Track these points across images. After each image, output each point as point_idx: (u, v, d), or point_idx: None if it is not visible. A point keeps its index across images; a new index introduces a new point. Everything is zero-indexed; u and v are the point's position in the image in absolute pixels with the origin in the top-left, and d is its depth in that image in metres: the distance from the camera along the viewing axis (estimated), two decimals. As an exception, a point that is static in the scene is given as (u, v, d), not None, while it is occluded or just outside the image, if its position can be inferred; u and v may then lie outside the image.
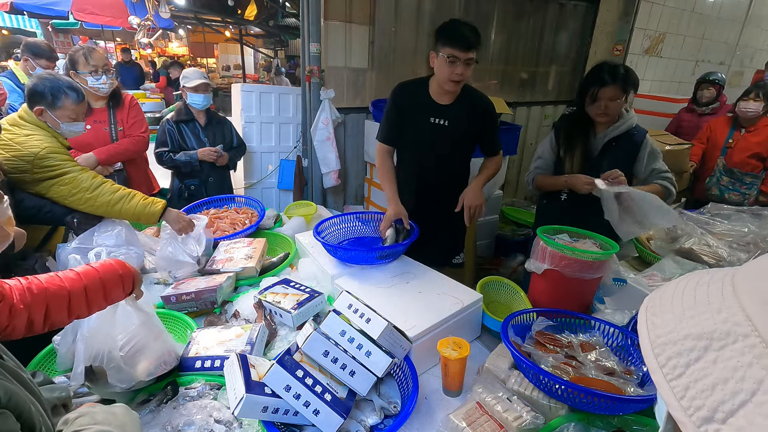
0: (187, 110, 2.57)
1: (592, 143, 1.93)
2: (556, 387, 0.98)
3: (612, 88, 1.75)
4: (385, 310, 1.14)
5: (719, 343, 0.27)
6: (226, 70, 13.88)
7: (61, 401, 0.87)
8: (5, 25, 8.02)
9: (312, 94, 3.22)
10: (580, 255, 1.33)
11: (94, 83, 2.16)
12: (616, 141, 1.88)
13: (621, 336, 1.19)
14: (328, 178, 3.43)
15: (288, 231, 2.00)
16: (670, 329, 0.30)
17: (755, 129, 3.00)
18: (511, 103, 3.95)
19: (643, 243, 1.97)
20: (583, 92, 1.86)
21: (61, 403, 0.88)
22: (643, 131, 1.89)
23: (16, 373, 0.67)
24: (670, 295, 0.33)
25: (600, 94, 1.78)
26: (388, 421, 1.03)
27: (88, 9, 6.50)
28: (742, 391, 0.25)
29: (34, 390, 0.70)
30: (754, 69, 6.30)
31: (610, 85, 1.75)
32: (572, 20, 4.36)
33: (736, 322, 0.27)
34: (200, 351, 1.17)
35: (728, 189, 3.08)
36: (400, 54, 3.53)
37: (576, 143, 1.93)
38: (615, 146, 1.89)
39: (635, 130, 1.88)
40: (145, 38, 8.36)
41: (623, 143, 1.88)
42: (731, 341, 0.27)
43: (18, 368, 0.69)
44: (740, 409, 0.25)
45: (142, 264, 1.62)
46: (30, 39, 3.22)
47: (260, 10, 7.28)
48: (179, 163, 2.51)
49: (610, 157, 1.88)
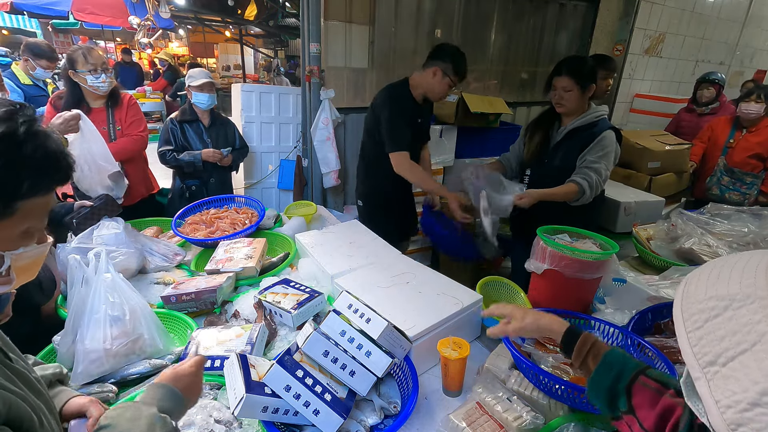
0: (191, 110, 2.57)
1: (553, 134, 2.00)
2: (556, 387, 0.98)
3: (564, 78, 1.85)
4: (385, 310, 1.14)
5: (738, 304, 0.31)
6: (226, 70, 13.87)
7: (56, 377, 0.87)
8: (5, 25, 8.03)
9: (312, 94, 3.22)
10: (580, 255, 1.33)
11: (93, 82, 2.15)
12: (575, 132, 1.91)
13: (621, 336, 1.19)
14: (328, 178, 3.43)
15: (288, 231, 2.00)
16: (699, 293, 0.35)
17: (756, 129, 3.01)
18: (511, 103, 3.95)
19: (643, 243, 1.97)
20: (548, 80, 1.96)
21: (56, 378, 0.87)
22: (606, 126, 1.89)
23: (24, 376, 0.66)
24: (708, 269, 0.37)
25: (554, 83, 1.89)
26: (388, 421, 1.03)
27: (88, 9, 6.50)
28: (745, 342, 0.29)
29: (42, 391, 0.69)
30: (754, 69, 6.31)
31: (562, 75, 1.85)
32: (572, 20, 4.36)
33: (758, 287, 0.31)
34: (200, 351, 1.17)
35: (729, 189, 3.09)
36: (400, 54, 3.53)
37: (537, 131, 2.05)
38: (573, 138, 1.92)
39: (599, 124, 1.89)
40: (145, 38, 8.36)
41: (581, 135, 1.90)
42: (749, 302, 0.31)
43: (26, 369, 0.68)
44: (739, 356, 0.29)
45: (142, 264, 1.62)
46: (30, 39, 3.22)
47: (260, 10, 7.28)
48: (183, 163, 2.52)
49: (564, 147, 1.94)
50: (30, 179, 0.61)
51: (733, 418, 0.28)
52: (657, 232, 2.03)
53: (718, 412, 0.29)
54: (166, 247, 1.73)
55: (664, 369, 1.03)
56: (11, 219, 0.61)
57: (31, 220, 0.65)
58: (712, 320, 0.33)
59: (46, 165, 0.63)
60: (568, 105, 1.89)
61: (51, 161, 0.64)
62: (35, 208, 0.64)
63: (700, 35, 5.41)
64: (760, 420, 0.27)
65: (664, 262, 1.82)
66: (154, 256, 1.67)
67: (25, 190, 0.61)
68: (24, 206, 0.62)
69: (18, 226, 0.63)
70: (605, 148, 1.85)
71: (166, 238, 1.92)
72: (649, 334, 1.29)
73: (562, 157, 1.93)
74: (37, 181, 0.62)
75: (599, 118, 1.90)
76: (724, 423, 0.29)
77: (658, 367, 1.05)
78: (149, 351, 1.19)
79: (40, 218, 0.67)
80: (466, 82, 4.02)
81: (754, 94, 2.93)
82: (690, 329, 0.34)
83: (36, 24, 8.39)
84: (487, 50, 4.01)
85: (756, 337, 0.29)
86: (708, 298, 0.34)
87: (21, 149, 0.60)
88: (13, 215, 0.61)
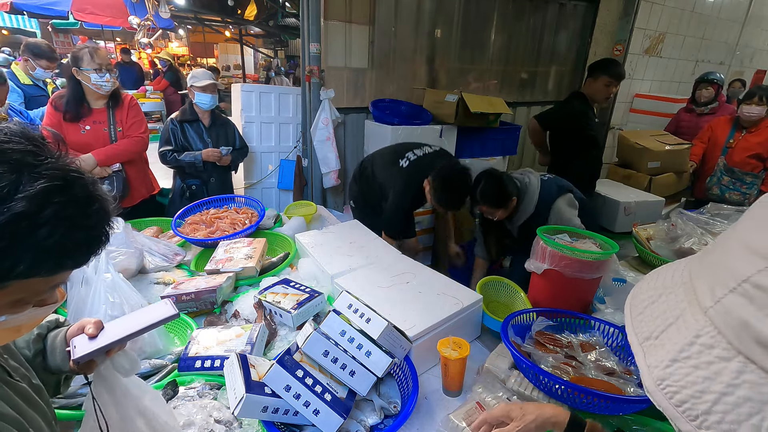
0: (192, 110, 2.58)
1: (507, 228, 2.08)
2: (556, 387, 0.98)
3: (482, 207, 1.91)
4: (385, 310, 1.14)
5: (669, 291, 0.39)
6: (226, 70, 13.88)
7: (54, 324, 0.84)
8: (5, 25, 8.02)
9: (312, 94, 3.22)
10: (580, 255, 1.33)
11: (97, 80, 2.15)
12: (528, 222, 1.93)
13: (621, 336, 1.19)
14: (328, 178, 3.43)
15: (288, 231, 2.00)
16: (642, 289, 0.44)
17: (756, 129, 3.02)
18: (511, 103, 3.95)
19: (642, 243, 1.97)
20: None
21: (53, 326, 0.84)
22: (547, 203, 1.90)
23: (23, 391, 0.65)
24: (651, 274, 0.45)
25: (479, 208, 1.96)
26: (388, 421, 1.03)
27: (88, 9, 6.50)
28: (671, 317, 0.37)
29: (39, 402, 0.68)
30: (754, 69, 6.31)
31: (480, 204, 1.92)
32: (572, 20, 4.36)
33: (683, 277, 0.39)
34: (200, 351, 1.17)
35: (729, 188, 3.10)
36: (400, 54, 3.53)
37: (489, 235, 2.17)
38: (530, 227, 1.87)
39: (542, 204, 1.91)
40: (145, 38, 8.36)
41: (535, 220, 1.90)
42: (676, 289, 0.39)
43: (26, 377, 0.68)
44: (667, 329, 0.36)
45: (142, 264, 1.62)
46: (31, 39, 3.22)
47: (260, 10, 7.28)
48: (183, 164, 2.52)
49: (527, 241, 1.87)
50: (27, 264, 0.52)
51: (658, 374, 0.35)
52: (657, 232, 2.03)
53: (648, 372, 0.36)
54: (166, 247, 1.73)
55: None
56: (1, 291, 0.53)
57: (27, 294, 0.57)
58: (649, 306, 0.40)
59: (57, 252, 0.54)
60: (502, 217, 1.95)
61: (65, 250, 0.55)
62: (33, 285, 0.56)
63: (700, 35, 5.41)
64: (678, 373, 0.33)
65: (664, 262, 1.81)
66: (154, 256, 1.67)
67: (20, 271, 0.52)
68: (19, 283, 0.53)
69: (6, 298, 0.55)
70: (562, 221, 1.85)
71: (166, 238, 1.92)
72: (649, 334, 1.29)
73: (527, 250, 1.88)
74: (38, 264, 0.53)
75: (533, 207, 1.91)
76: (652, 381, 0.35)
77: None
78: (149, 351, 1.19)
79: (39, 293, 0.59)
80: (466, 82, 4.03)
81: (756, 96, 2.94)
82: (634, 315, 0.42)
83: (36, 24, 8.38)
84: (487, 50, 4.01)
85: (679, 312, 0.36)
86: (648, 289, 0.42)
87: (34, 233, 0.51)
88: (4, 289, 0.53)
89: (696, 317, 0.34)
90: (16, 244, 0.50)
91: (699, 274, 0.37)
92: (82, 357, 0.73)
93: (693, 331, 0.34)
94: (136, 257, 1.57)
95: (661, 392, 0.34)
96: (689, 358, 0.33)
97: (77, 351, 0.74)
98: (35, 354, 0.78)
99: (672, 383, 0.34)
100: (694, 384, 0.32)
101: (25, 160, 0.52)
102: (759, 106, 2.92)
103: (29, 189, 0.50)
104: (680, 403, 0.33)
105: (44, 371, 0.79)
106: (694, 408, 0.32)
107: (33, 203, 0.50)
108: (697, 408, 0.32)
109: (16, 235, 0.50)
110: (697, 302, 0.35)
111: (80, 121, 2.21)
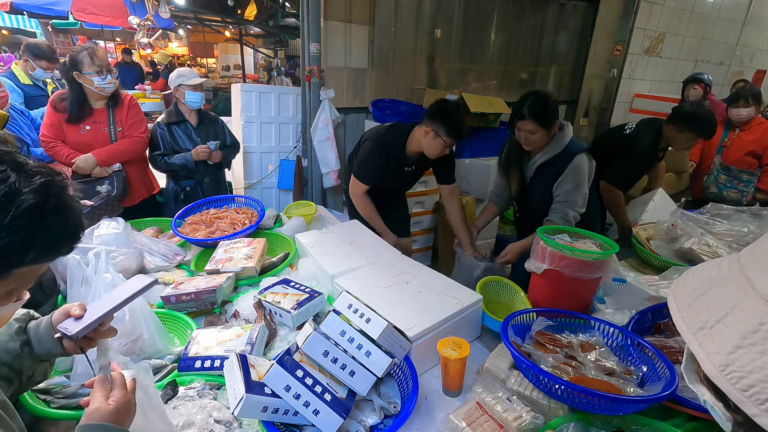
0: (178, 111, 2.53)
1: (526, 169, 2.00)
2: (555, 387, 0.98)
3: (528, 122, 1.82)
4: (385, 310, 1.14)
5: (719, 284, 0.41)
6: (226, 70, 13.87)
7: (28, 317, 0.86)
8: (5, 25, 8.02)
9: (312, 94, 3.22)
10: (580, 255, 1.32)
11: (100, 83, 2.15)
12: (546, 165, 1.90)
13: (621, 336, 1.19)
14: (327, 178, 3.43)
15: (288, 231, 2.00)
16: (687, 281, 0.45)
17: (749, 128, 3.07)
18: (511, 103, 3.94)
19: (642, 243, 1.97)
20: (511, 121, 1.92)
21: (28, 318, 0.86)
22: (571, 153, 1.87)
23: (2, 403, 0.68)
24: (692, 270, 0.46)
25: (518, 126, 1.86)
26: (388, 421, 1.03)
27: (88, 9, 6.50)
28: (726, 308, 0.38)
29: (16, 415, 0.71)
30: (753, 69, 6.31)
31: (526, 119, 1.82)
32: (572, 20, 4.36)
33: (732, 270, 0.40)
34: (200, 351, 1.17)
35: (726, 187, 3.12)
36: (400, 54, 3.53)
37: (512, 170, 2.03)
38: (545, 170, 1.90)
39: (566, 152, 1.87)
40: (145, 38, 8.35)
41: (552, 167, 1.89)
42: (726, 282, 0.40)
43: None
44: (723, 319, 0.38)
45: (142, 264, 1.62)
46: (31, 39, 3.22)
47: (260, 10, 7.27)
48: (175, 167, 2.48)
49: (538, 183, 1.93)
50: (38, 250, 0.59)
51: (721, 360, 0.36)
52: (657, 232, 2.03)
53: (708, 360, 0.37)
54: (166, 247, 1.73)
55: (664, 369, 1.03)
56: (1, 282, 0.59)
57: (19, 284, 0.62)
58: (698, 299, 0.42)
59: (59, 240, 0.61)
60: (534, 145, 1.89)
61: (66, 237, 0.62)
62: (29, 274, 0.62)
63: (699, 35, 5.42)
64: (742, 359, 0.35)
65: (664, 262, 1.82)
66: (154, 256, 1.67)
67: (29, 259, 0.59)
68: (20, 272, 0.60)
69: (4, 288, 0.61)
70: (577, 177, 1.85)
71: (166, 238, 1.92)
72: (648, 334, 1.29)
73: (538, 193, 1.95)
74: (44, 252, 0.60)
75: (561, 148, 1.88)
76: (714, 367, 0.37)
77: (657, 367, 1.05)
78: (149, 351, 1.19)
79: (30, 282, 0.64)
80: (466, 82, 4.03)
81: (742, 99, 3.01)
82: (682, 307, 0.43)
83: (36, 24, 8.38)
84: (486, 50, 4.01)
85: (734, 303, 0.38)
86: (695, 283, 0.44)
87: (45, 222, 0.58)
88: (5, 279, 0.59)
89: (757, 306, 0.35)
90: (32, 233, 0.57)
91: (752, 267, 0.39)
92: (81, 331, 0.78)
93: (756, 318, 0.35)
94: (136, 257, 1.57)
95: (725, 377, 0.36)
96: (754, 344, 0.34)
97: (71, 329, 0.79)
98: (22, 344, 0.81)
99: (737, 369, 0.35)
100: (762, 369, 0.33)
101: (16, 160, 0.58)
102: (746, 108, 2.99)
103: (31, 184, 0.57)
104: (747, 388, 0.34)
105: (32, 360, 0.83)
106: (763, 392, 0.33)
107: (39, 196, 0.57)
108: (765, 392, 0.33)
109: (31, 225, 0.57)
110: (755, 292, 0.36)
111: (81, 121, 2.21)
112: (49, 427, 0.96)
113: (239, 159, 3.38)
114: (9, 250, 0.56)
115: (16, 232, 0.55)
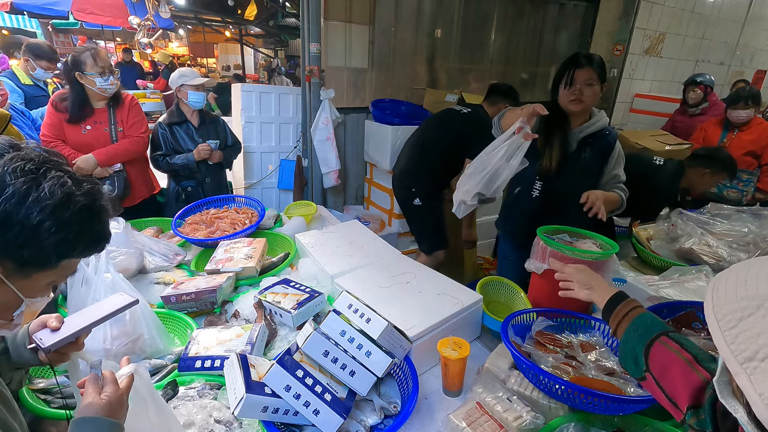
0: (179, 111, 2.53)
1: (568, 136, 1.83)
2: (556, 387, 0.98)
3: (587, 70, 1.69)
4: (385, 310, 1.14)
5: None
6: (226, 70, 13.87)
7: None
8: (5, 25, 8.01)
9: (312, 94, 3.22)
10: (580, 255, 1.32)
11: (102, 84, 2.14)
12: (591, 138, 1.81)
13: (621, 336, 1.19)
14: (328, 178, 3.43)
15: (288, 231, 2.00)
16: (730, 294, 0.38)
17: (748, 128, 3.11)
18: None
19: (642, 243, 1.97)
20: (557, 80, 1.77)
21: None
22: (614, 133, 1.85)
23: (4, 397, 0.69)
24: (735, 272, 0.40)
25: (576, 76, 1.70)
26: (388, 421, 1.03)
27: (88, 9, 6.50)
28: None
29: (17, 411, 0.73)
30: (754, 69, 6.30)
31: (585, 67, 1.68)
32: (572, 20, 4.36)
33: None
34: (200, 351, 1.17)
35: (726, 186, 3.15)
36: (400, 54, 3.53)
37: (554, 135, 1.80)
38: (590, 144, 1.82)
39: (607, 131, 1.83)
40: (145, 38, 8.35)
41: (597, 142, 1.81)
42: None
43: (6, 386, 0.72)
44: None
45: (142, 264, 1.62)
46: (31, 40, 3.22)
47: (260, 10, 7.27)
48: (177, 167, 2.48)
49: (585, 154, 1.82)
50: (84, 244, 0.69)
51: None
52: (657, 232, 2.03)
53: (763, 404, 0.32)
54: (166, 247, 1.73)
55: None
56: (50, 271, 0.68)
57: (60, 276, 0.71)
58: (746, 319, 0.36)
59: (100, 237, 0.72)
60: (587, 102, 1.72)
61: (103, 235, 0.73)
62: (69, 267, 0.71)
63: (700, 35, 5.41)
64: None
65: (664, 262, 1.82)
66: (154, 256, 1.67)
67: (77, 252, 0.69)
68: (66, 263, 0.69)
69: (49, 278, 0.70)
70: (622, 161, 1.83)
71: (166, 238, 1.92)
72: (649, 334, 1.29)
73: (583, 167, 1.80)
74: (88, 247, 0.71)
75: (606, 124, 1.82)
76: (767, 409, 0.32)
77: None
78: (149, 351, 1.19)
79: (65, 277, 0.75)
80: (466, 82, 4.03)
81: (741, 101, 3.05)
82: (725, 328, 0.37)
83: (36, 24, 8.37)
84: (487, 50, 4.01)
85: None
86: (739, 299, 0.37)
87: (92, 220, 0.69)
88: (54, 269, 0.68)
89: None
90: (83, 229, 0.67)
91: None
92: (53, 345, 0.78)
93: None
94: (136, 257, 1.57)
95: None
96: None
97: (45, 341, 0.78)
98: (1, 352, 0.82)
99: None
100: None
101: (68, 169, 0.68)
102: (745, 110, 3.03)
103: (81, 189, 0.67)
104: None
105: (10, 368, 0.84)
106: None
107: (89, 199, 0.68)
108: None
109: (82, 223, 0.67)
110: None
111: (82, 121, 2.21)
112: (50, 426, 0.96)
113: (239, 159, 3.37)
114: (65, 242, 0.65)
115: (72, 227, 0.65)
